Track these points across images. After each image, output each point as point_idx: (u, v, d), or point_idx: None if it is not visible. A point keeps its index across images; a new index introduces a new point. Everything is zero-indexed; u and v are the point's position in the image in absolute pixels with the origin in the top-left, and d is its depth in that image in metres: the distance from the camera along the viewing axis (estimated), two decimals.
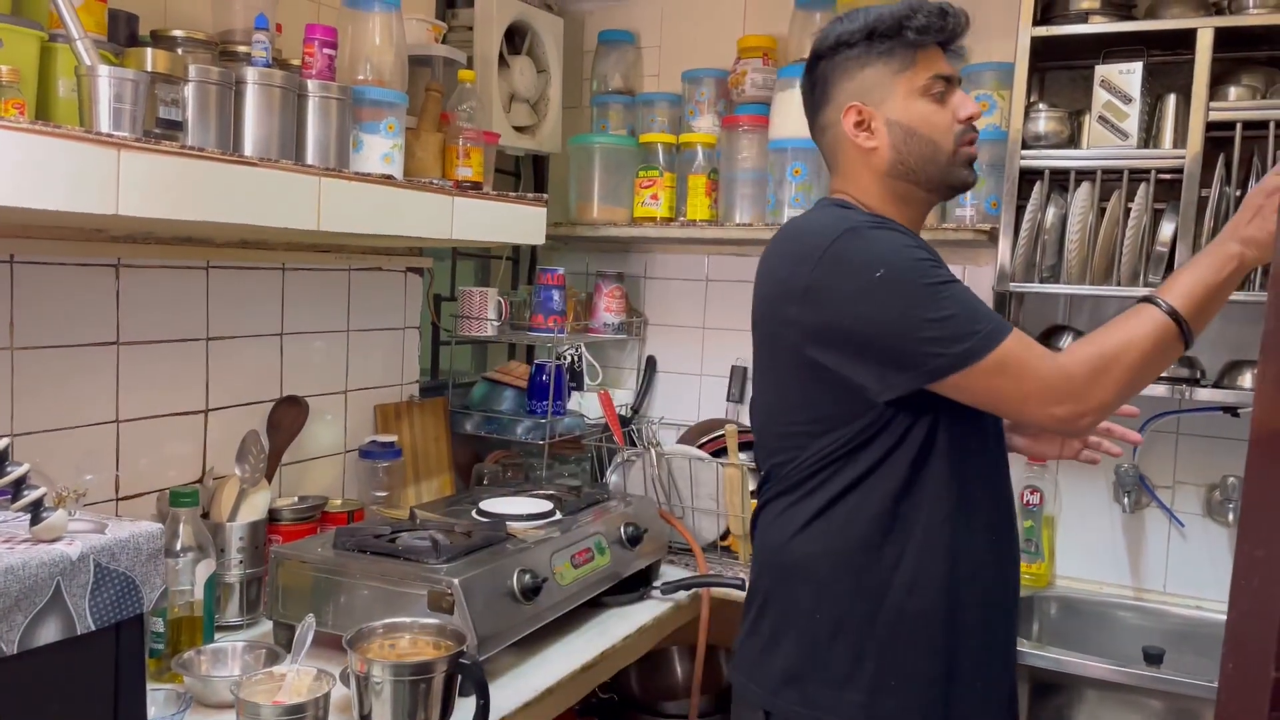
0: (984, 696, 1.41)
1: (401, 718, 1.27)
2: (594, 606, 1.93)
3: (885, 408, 1.31)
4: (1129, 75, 2.03)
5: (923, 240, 1.39)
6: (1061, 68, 2.26)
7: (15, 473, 0.92)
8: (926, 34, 1.38)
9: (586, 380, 2.70)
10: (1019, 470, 2.34)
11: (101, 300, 1.66)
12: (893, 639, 1.34)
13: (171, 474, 1.78)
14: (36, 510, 0.93)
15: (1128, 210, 2.03)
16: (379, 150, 1.72)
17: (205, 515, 1.75)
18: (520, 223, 2.05)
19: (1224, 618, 0.79)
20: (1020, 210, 2.11)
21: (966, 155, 1.42)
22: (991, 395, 1.27)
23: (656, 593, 2.06)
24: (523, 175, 2.85)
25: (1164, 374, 2.07)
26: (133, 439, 1.72)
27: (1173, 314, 1.25)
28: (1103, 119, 2.05)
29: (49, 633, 0.90)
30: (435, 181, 1.87)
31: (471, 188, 1.95)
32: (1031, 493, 2.29)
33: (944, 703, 1.35)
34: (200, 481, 1.82)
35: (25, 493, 0.92)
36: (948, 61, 1.43)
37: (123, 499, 1.70)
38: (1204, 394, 2.03)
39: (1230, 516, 2.19)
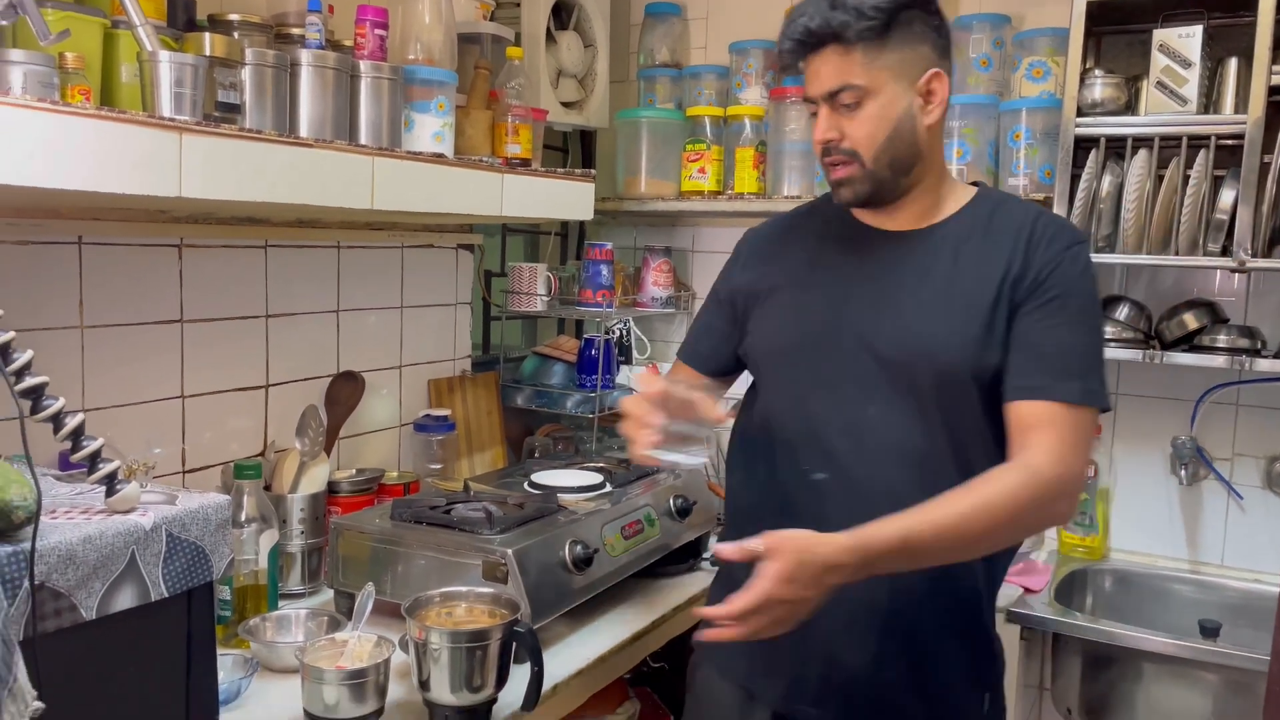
0: (767, 664, 1.39)
1: (459, 683, 1.30)
2: (644, 577, 1.95)
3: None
4: (1188, 39, 1.98)
5: (775, 240, 1.55)
6: (1118, 32, 2.21)
7: (91, 447, 0.96)
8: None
9: (635, 354, 2.71)
10: None
11: (165, 279, 1.71)
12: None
13: (234, 447, 1.84)
14: (111, 482, 0.97)
15: (1186, 178, 1.99)
16: (430, 129, 1.74)
17: (267, 487, 1.80)
18: (569, 198, 2.07)
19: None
20: (1075, 179, 2.08)
21: (830, 178, 1.39)
22: None
23: (706, 564, 2.09)
24: (570, 151, 2.86)
25: (1224, 344, 2.04)
26: (197, 414, 1.77)
27: None
28: (1161, 84, 2.01)
29: (125, 599, 0.94)
30: (485, 159, 1.89)
31: (521, 165, 1.97)
32: None
33: (745, 656, 1.39)
34: (262, 455, 1.88)
35: (100, 465, 0.97)
36: (847, 67, 1.30)
37: (189, 471, 1.76)
38: (1264, 364, 1.99)
39: None
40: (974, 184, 1.44)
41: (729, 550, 1.17)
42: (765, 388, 1.48)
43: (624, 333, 2.70)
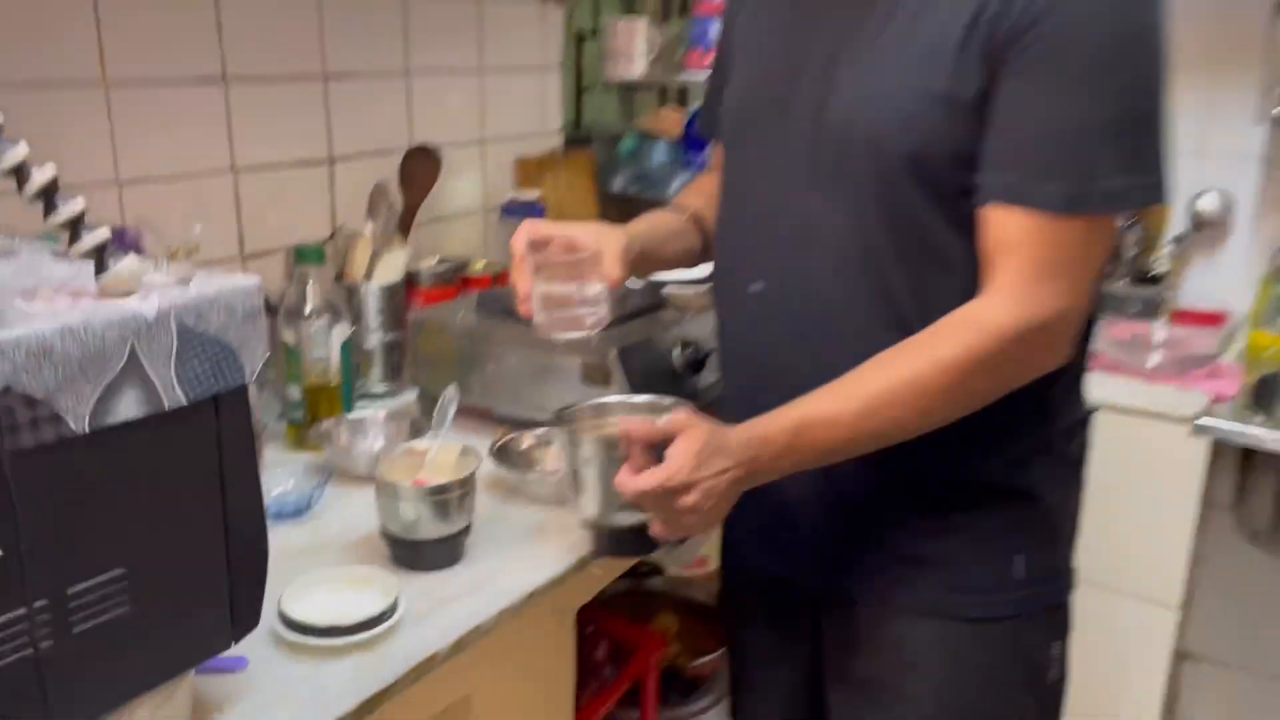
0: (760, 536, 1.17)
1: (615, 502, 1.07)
2: None
3: None
4: None
5: None
6: None
7: (68, 209, 0.72)
8: None
9: None
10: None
11: (199, 26, 1.44)
12: None
13: (299, 230, 1.62)
14: (99, 258, 0.74)
15: None
16: None
17: (339, 277, 1.59)
18: None
19: None
20: None
21: None
22: None
23: None
24: None
25: None
26: (252, 191, 1.54)
27: None
28: None
29: (128, 407, 0.73)
30: None
31: None
32: None
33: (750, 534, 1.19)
34: (331, 239, 1.65)
35: (82, 234, 0.73)
36: None
37: (247, 257, 1.56)
38: None
39: None
40: None
41: (636, 428, 0.93)
42: (726, 170, 1.12)
43: None
